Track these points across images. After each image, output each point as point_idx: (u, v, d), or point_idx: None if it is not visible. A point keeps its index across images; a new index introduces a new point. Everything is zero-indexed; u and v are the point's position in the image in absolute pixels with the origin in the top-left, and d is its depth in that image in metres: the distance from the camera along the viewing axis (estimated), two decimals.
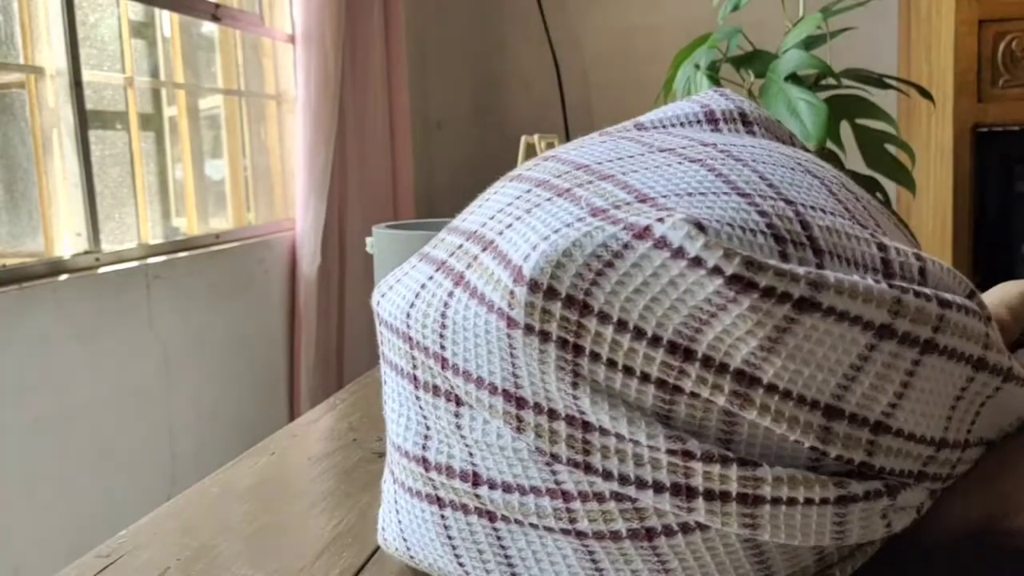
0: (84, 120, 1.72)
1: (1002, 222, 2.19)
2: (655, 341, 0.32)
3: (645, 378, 0.33)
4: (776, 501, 0.33)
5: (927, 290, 0.34)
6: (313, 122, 2.34)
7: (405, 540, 0.42)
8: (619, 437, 0.33)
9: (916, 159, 0.93)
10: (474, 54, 3.20)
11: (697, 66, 0.94)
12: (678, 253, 0.31)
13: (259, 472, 0.65)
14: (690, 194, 0.35)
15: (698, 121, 0.46)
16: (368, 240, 0.83)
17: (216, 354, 2.04)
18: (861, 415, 0.33)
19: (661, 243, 0.32)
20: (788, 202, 0.35)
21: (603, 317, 0.33)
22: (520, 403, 0.35)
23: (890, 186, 2.23)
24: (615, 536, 0.35)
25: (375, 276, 0.82)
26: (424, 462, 0.39)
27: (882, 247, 0.35)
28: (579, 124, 3.13)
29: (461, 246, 0.39)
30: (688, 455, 0.33)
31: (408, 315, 0.38)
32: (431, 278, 0.39)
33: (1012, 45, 2.12)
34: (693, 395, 0.33)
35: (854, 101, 0.89)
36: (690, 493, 0.33)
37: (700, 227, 0.32)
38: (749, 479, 0.33)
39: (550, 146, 1.44)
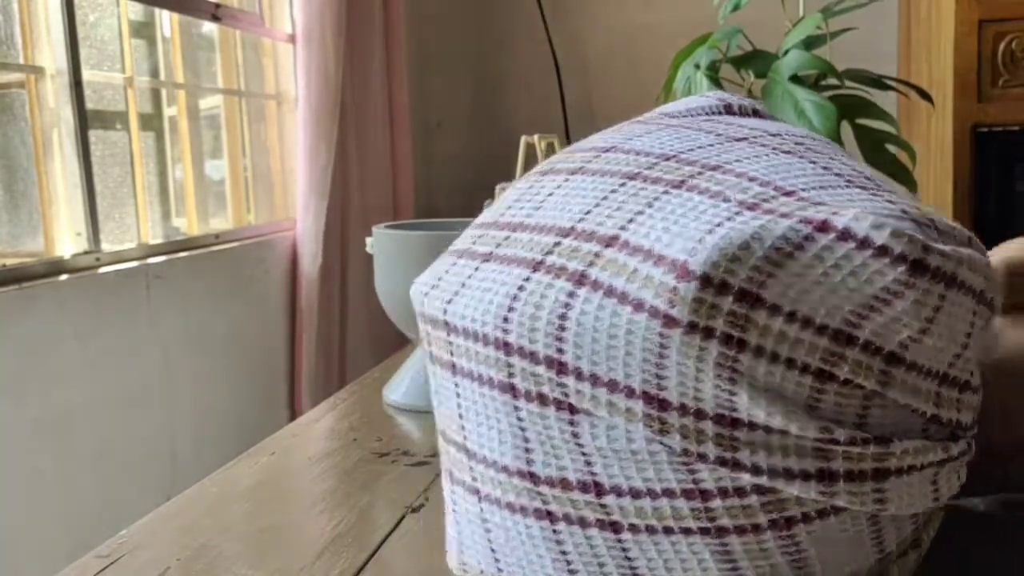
0: (84, 120, 1.72)
1: (1002, 222, 2.19)
2: (821, 330, 0.32)
3: (805, 369, 0.33)
4: (899, 471, 0.34)
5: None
6: (313, 122, 2.34)
7: (497, 561, 0.39)
8: (767, 430, 0.33)
9: (916, 159, 0.93)
10: (474, 54, 3.20)
11: (697, 66, 0.94)
12: (864, 243, 0.32)
13: (259, 472, 0.65)
14: (821, 187, 0.35)
15: (719, 113, 0.46)
16: (368, 240, 0.83)
17: (216, 354, 2.04)
18: (961, 378, 0.35)
19: (845, 235, 0.32)
20: (892, 191, 0.36)
21: (774, 309, 0.32)
22: (663, 405, 0.33)
23: None
24: (756, 529, 0.34)
25: (375, 276, 0.82)
26: (532, 477, 0.36)
27: (961, 224, 0.38)
28: (579, 124, 3.13)
29: (559, 243, 0.37)
30: (834, 442, 0.33)
31: (506, 319, 0.36)
32: (528, 279, 0.36)
33: (1012, 45, 2.12)
34: (845, 382, 0.33)
35: (855, 101, 0.88)
36: (832, 477, 0.33)
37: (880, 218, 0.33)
38: (882, 455, 0.33)
39: (550, 146, 1.44)
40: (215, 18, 2.18)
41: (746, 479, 0.33)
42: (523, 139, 1.28)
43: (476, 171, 3.17)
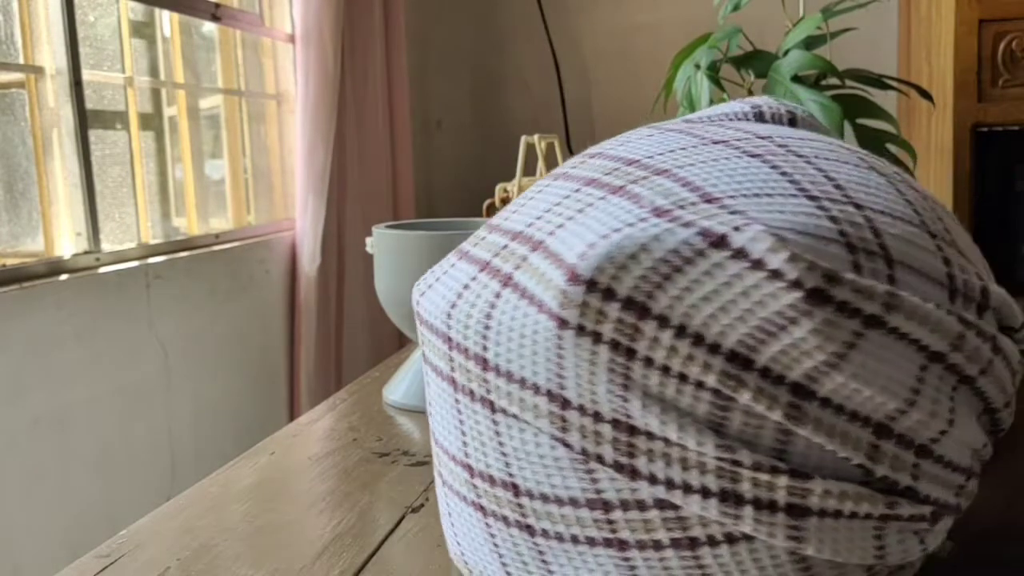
0: (84, 120, 1.72)
1: (1002, 222, 2.19)
2: (714, 349, 0.31)
3: (700, 386, 0.32)
4: (823, 513, 0.32)
5: (988, 329, 0.33)
6: (312, 122, 2.34)
7: (459, 544, 0.41)
8: (666, 441, 0.33)
9: (917, 159, 0.93)
10: (474, 54, 3.20)
11: (697, 66, 0.94)
12: (757, 265, 0.31)
13: (259, 472, 0.65)
14: (756, 195, 0.34)
15: (747, 118, 0.44)
16: (368, 240, 0.83)
17: (216, 354, 2.04)
18: (909, 437, 0.33)
19: (739, 254, 0.31)
20: (857, 206, 0.34)
21: (662, 321, 0.32)
22: (564, 404, 0.34)
23: None
24: (657, 545, 0.34)
25: (375, 276, 0.82)
26: (468, 468, 0.38)
27: (947, 261, 0.35)
28: (579, 124, 3.13)
29: (506, 246, 0.38)
30: (737, 463, 0.32)
31: (449, 315, 0.37)
32: (474, 278, 0.38)
33: (1012, 45, 2.12)
34: (748, 406, 0.32)
35: (855, 101, 0.89)
36: (738, 500, 0.32)
37: (781, 239, 0.31)
38: (798, 490, 0.32)
39: (550, 146, 1.44)
40: (215, 18, 2.18)
41: (645, 490, 0.33)
42: (523, 139, 1.28)
43: (476, 171, 3.17)
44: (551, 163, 2.61)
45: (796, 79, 0.87)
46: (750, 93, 0.95)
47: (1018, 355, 0.36)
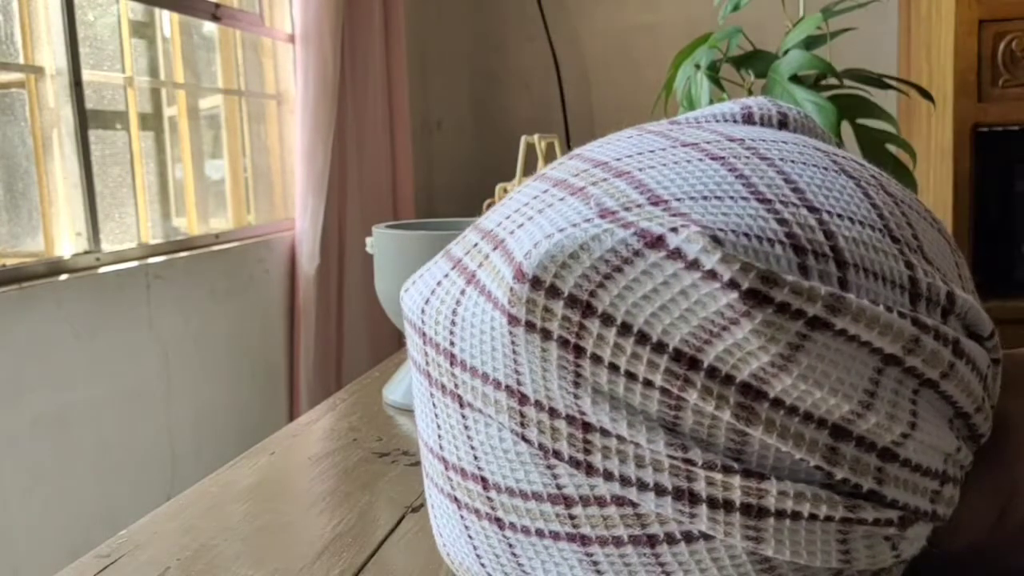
0: (84, 120, 1.72)
1: (1002, 222, 2.18)
2: (659, 347, 0.32)
3: (648, 384, 0.32)
4: (781, 514, 0.32)
5: (949, 332, 0.33)
6: (312, 122, 2.34)
7: (441, 536, 0.42)
8: (620, 439, 0.33)
9: (916, 159, 0.93)
10: (474, 54, 3.20)
11: (697, 66, 0.94)
12: (692, 265, 0.31)
13: (259, 472, 0.65)
14: (705, 197, 0.34)
15: (735, 120, 0.45)
16: (368, 240, 0.83)
17: (216, 354, 2.04)
18: (869, 439, 0.33)
19: (675, 254, 0.31)
20: (812, 209, 0.34)
21: (606, 319, 0.32)
22: (522, 399, 0.34)
23: None
24: (617, 541, 0.34)
25: (375, 276, 0.82)
26: (444, 461, 0.39)
27: (910, 265, 0.34)
28: (579, 124, 3.13)
29: (476, 245, 0.39)
30: (689, 462, 0.32)
31: (423, 311, 0.39)
32: (447, 276, 0.39)
33: (1012, 45, 2.12)
34: (699, 406, 0.32)
35: (855, 101, 0.89)
36: (693, 499, 0.33)
37: (716, 240, 0.31)
38: (753, 490, 0.32)
39: (550, 146, 1.44)
40: (215, 18, 2.18)
41: (602, 486, 0.34)
42: (523, 139, 1.28)
43: (476, 171, 3.17)
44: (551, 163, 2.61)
45: (795, 79, 0.87)
46: (750, 93, 0.95)
47: (987, 360, 0.36)
